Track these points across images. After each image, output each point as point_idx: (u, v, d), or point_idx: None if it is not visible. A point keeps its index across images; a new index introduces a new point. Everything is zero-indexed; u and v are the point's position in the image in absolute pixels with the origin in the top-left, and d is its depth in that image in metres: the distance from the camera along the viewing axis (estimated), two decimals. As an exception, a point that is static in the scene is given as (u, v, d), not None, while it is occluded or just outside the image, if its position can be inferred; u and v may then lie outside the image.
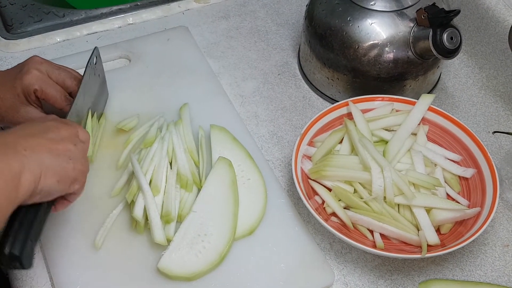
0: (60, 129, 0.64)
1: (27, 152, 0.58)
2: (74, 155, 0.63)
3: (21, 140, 0.59)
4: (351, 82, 0.89)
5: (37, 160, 0.58)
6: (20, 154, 0.57)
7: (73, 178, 0.63)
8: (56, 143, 0.61)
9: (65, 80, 0.79)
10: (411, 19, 0.84)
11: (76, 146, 0.64)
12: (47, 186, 0.59)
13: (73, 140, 0.64)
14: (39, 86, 0.76)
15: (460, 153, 0.81)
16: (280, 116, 0.92)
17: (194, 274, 0.70)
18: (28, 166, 0.57)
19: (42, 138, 0.61)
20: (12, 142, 0.58)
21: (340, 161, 0.77)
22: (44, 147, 0.60)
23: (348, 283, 0.74)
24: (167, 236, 0.72)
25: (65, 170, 0.61)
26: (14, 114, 0.78)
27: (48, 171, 0.59)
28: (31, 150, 0.58)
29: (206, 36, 1.04)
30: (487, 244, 0.78)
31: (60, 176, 0.61)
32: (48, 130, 0.63)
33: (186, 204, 0.76)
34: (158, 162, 0.77)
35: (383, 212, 0.74)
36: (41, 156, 0.59)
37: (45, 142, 0.60)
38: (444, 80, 0.98)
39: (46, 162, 0.59)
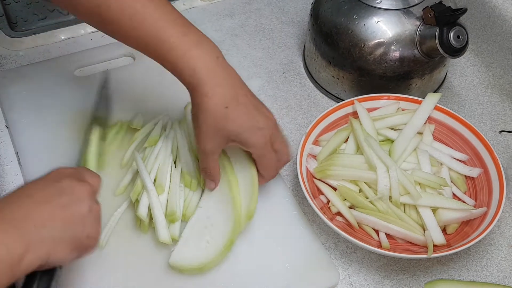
0: (75, 189, 0.60)
1: (36, 229, 0.55)
2: (89, 221, 0.60)
3: (33, 211, 0.56)
4: (357, 81, 0.89)
5: (47, 237, 0.55)
6: (28, 232, 0.54)
7: (86, 245, 0.60)
8: (70, 210, 0.58)
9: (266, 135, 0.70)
10: (417, 17, 0.84)
11: (91, 210, 0.60)
12: (58, 259, 0.57)
13: (88, 202, 0.60)
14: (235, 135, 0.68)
15: (466, 152, 0.81)
16: (285, 115, 0.91)
17: (205, 264, 0.70)
18: (33, 247, 0.54)
19: (55, 205, 0.57)
20: (22, 215, 0.55)
21: (345, 160, 0.77)
22: (57, 217, 0.57)
23: (353, 283, 0.73)
24: (172, 235, 0.72)
25: (79, 240, 0.59)
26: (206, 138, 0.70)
27: (59, 245, 0.57)
28: (41, 225, 0.55)
29: (211, 34, 1.02)
30: (493, 244, 0.77)
31: (73, 246, 0.58)
32: (62, 192, 0.59)
33: (191, 203, 0.75)
34: (163, 161, 0.77)
35: (389, 212, 0.74)
36: (53, 230, 0.56)
37: (59, 211, 0.57)
38: (450, 79, 0.97)
39: (57, 236, 0.56)
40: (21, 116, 0.87)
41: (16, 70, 0.94)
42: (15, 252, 0.53)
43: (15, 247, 0.53)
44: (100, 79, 0.82)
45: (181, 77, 0.69)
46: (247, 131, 0.69)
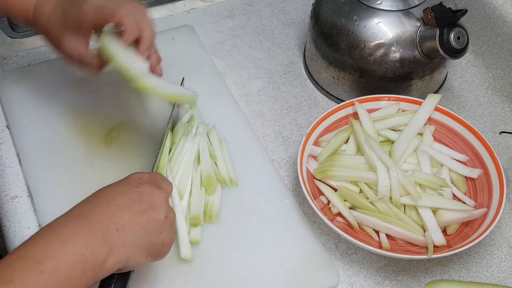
0: (154, 196, 0.62)
1: (118, 233, 0.57)
2: (164, 228, 0.61)
3: (116, 215, 0.58)
4: (357, 82, 0.89)
5: (127, 242, 0.57)
6: (111, 237, 0.56)
7: (160, 252, 0.62)
8: (149, 216, 0.60)
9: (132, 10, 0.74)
10: (418, 18, 0.84)
11: (167, 217, 0.62)
12: (135, 264, 0.59)
13: (164, 209, 0.62)
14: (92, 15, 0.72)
15: (466, 153, 0.81)
16: (286, 116, 0.92)
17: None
18: (116, 250, 0.56)
19: (136, 211, 0.59)
20: (106, 218, 0.57)
21: (345, 161, 0.77)
22: (136, 223, 0.59)
23: (354, 283, 0.73)
24: (194, 239, 0.72)
25: (154, 246, 0.60)
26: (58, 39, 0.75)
27: (137, 250, 0.58)
28: (123, 229, 0.57)
29: (211, 35, 1.03)
30: (494, 245, 0.77)
31: (149, 252, 0.60)
32: (142, 198, 0.60)
33: (213, 207, 0.76)
34: (186, 165, 0.77)
35: (389, 213, 0.74)
36: (132, 234, 0.58)
37: (139, 218, 0.59)
38: (450, 80, 0.97)
39: (136, 241, 0.58)
40: (22, 117, 0.87)
41: (17, 71, 0.94)
42: (99, 255, 0.55)
43: (100, 250, 0.55)
44: None
45: None
46: None
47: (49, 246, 0.53)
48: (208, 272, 0.71)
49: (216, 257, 0.73)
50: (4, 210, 0.78)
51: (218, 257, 0.73)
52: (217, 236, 0.75)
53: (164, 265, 0.72)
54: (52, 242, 0.53)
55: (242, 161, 0.82)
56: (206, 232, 0.75)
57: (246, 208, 0.78)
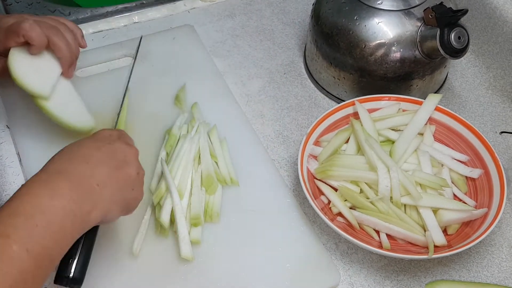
0: (126, 153, 0.64)
1: (99, 188, 0.59)
2: (136, 184, 0.64)
3: (95, 171, 0.60)
4: (358, 82, 0.89)
5: (107, 196, 0.60)
6: (93, 192, 0.59)
7: (131, 207, 0.65)
8: (123, 172, 0.63)
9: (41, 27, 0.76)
10: (418, 18, 0.84)
11: (139, 174, 0.65)
12: (112, 217, 0.62)
13: (136, 166, 0.65)
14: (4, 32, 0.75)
15: (467, 153, 0.81)
16: (286, 116, 0.91)
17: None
18: (98, 205, 0.59)
19: (111, 167, 0.62)
20: (87, 174, 0.59)
21: (346, 161, 0.77)
22: (113, 178, 0.61)
23: (354, 283, 0.73)
24: (195, 239, 0.72)
25: (128, 201, 0.64)
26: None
27: (114, 205, 0.61)
28: (103, 184, 0.60)
29: (212, 34, 1.03)
30: (494, 245, 0.77)
31: (123, 207, 0.63)
32: (115, 154, 0.63)
33: (214, 207, 0.76)
34: (185, 165, 0.77)
35: (390, 213, 0.74)
36: (111, 190, 0.61)
37: (114, 173, 0.62)
38: (451, 80, 0.97)
39: (114, 196, 0.61)
40: (23, 116, 0.87)
41: (17, 71, 0.94)
42: (85, 209, 0.58)
43: (85, 205, 0.58)
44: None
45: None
46: None
47: (38, 202, 0.55)
48: (208, 271, 0.71)
49: (216, 256, 0.73)
50: (5, 209, 0.78)
51: (218, 257, 0.73)
52: (217, 236, 0.75)
53: (165, 265, 0.72)
54: (41, 197, 0.55)
55: (243, 161, 0.82)
56: (206, 231, 0.75)
57: (247, 208, 0.78)
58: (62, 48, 0.78)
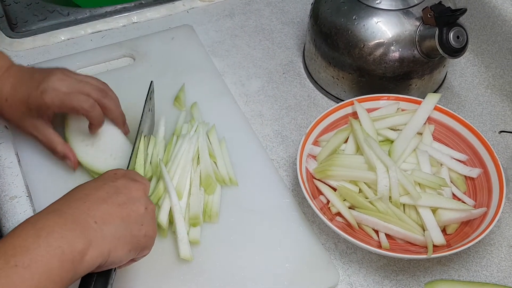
0: (131, 189, 0.60)
1: (97, 225, 0.55)
2: (146, 220, 0.60)
3: (93, 208, 0.56)
4: (357, 81, 0.89)
5: (107, 234, 0.55)
6: (89, 229, 0.54)
7: (143, 245, 0.60)
8: (128, 208, 0.59)
9: (90, 92, 0.76)
10: (417, 17, 0.84)
11: (147, 209, 0.61)
12: (117, 258, 0.57)
13: (144, 201, 0.61)
14: (55, 106, 0.74)
15: (466, 152, 0.81)
16: (285, 115, 0.91)
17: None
18: (95, 243, 0.54)
19: (113, 204, 0.58)
20: (82, 212, 0.55)
21: (345, 161, 0.77)
22: (116, 216, 0.57)
23: (353, 283, 0.73)
24: (193, 239, 0.72)
25: (137, 239, 0.59)
26: (20, 123, 0.77)
27: (119, 243, 0.57)
28: (102, 222, 0.55)
29: (211, 34, 1.03)
30: (493, 245, 0.77)
31: (131, 246, 0.58)
32: (119, 191, 0.59)
33: (213, 207, 0.76)
34: (184, 165, 0.77)
35: (389, 212, 0.74)
36: (112, 228, 0.56)
37: (117, 210, 0.58)
38: (450, 79, 0.97)
39: (118, 234, 0.56)
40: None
41: (16, 71, 0.94)
42: (77, 246, 0.52)
43: (77, 242, 0.53)
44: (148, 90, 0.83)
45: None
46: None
47: (23, 241, 0.51)
48: (207, 271, 0.71)
49: (215, 257, 0.73)
50: (4, 210, 0.78)
51: (217, 257, 0.73)
52: (216, 236, 0.75)
53: (164, 265, 0.72)
54: (26, 237, 0.51)
55: (242, 161, 0.82)
56: (205, 232, 0.75)
57: (246, 208, 0.78)
58: (114, 109, 0.78)
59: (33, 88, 0.74)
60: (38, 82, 0.75)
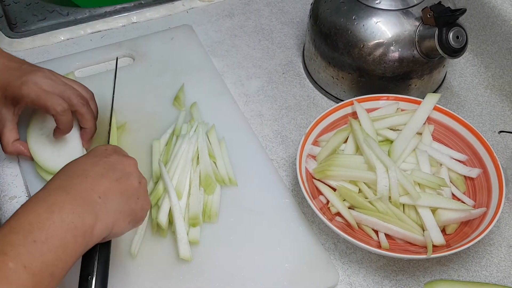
0: (124, 164, 0.63)
1: (101, 200, 0.58)
2: (141, 193, 0.63)
3: (95, 183, 0.58)
4: (356, 81, 0.89)
5: (110, 209, 0.58)
6: (95, 204, 0.57)
7: (140, 217, 0.63)
8: (125, 183, 0.61)
9: (71, 97, 0.76)
10: (416, 17, 0.84)
11: (141, 183, 0.63)
12: (119, 230, 0.60)
13: (137, 176, 0.63)
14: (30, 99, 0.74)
15: (465, 152, 0.81)
16: (285, 115, 0.91)
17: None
18: (101, 217, 0.57)
19: (112, 179, 0.60)
20: (86, 188, 0.58)
21: (345, 161, 0.77)
22: (116, 191, 0.60)
23: (353, 283, 0.73)
24: (193, 239, 0.72)
25: (135, 212, 0.62)
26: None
27: (121, 216, 0.59)
28: (104, 196, 0.58)
29: (210, 34, 1.03)
30: (493, 245, 0.77)
31: (130, 218, 0.61)
32: (114, 167, 0.62)
33: (212, 207, 0.76)
34: (184, 165, 0.77)
35: (388, 212, 0.74)
36: (114, 201, 0.59)
37: (116, 185, 0.60)
38: (449, 79, 0.97)
39: (119, 208, 0.59)
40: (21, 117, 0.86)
41: (15, 71, 0.94)
42: (87, 221, 0.55)
43: (87, 217, 0.55)
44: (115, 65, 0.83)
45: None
46: None
47: (36, 217, 0.53)
48: (207, 272, 0.71)
49: (215, 257, 0.73)
50: (3, 210, 0.78)
51: (217, 257, 0.73)
52: (216, 236, 0.75)
53: (163, 265, 0.72)
54: (39, 213, 0.53)
55: (241, 161, 0.82)
56: (205, 232, 0.75)
57: (245, 208, 0.78)
58: (90, 120, 0.78)
59: (15, 77, 0.75)
60: (23, 73, 0.75)
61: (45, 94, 0.74)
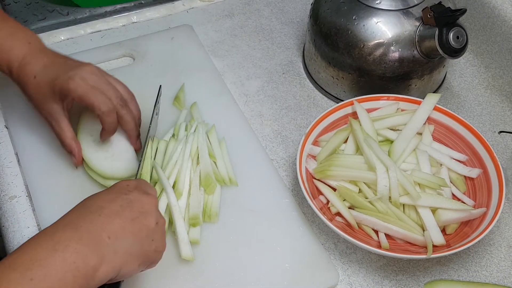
0: (143, 202, 0.60)
1: (110, 241, 0.56)
2: (156, 235, 0.60)
3: (106, 223, 0.56)
4: (356, 81, 0.89)
5: (120, 250, 0.56)
6: (102, 245, 0.55)
7: (153, 259, 0.61)
8: (140, 223, 0.59)
9: (111, 97, 0.75)
10: (417, 18, 0.84)
11: (158, 224, 0.61)
12: (128, 272, 0.58)
13: (155, 215, 0.61)
14: (77, 94, 0.73)
15: (465, 153, 0.81)
16: (285, 115, 0.91)
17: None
18: (108, 259, 0.55)
19: (127, 218, 0.58)
20: (96, 227, 0.56)
21: (345, 161, 0.77)
22: (129, 231, 0.57)
23: (353, 283, 0.73)
24: (194, 239, 0.72)
25: (147, 254, 0.59)
26: (42, 105, 0.76)
27: (131, 258, 0.57)
28: (114, 237, 0.56)
29: (211, 34, 1.03)
30: (493, 245, 0.77)
31: (142, 260, 0.59)
32: (132, 205, 0.59)
33: (212, 207, 0.76)
34: (181, 165, 0.77)
35: (388, 212, 0.74)
36: (125, 243, 0.57)
37: (130, 225, 0.58)
38: (449, 80, 0.97)
39: (130, 249, 0.57)
40: (21, 117, 0.87)
41: (15, 71, 0.94)
42: (90, 263, 0.53)
43: (91, 258, 0.53)
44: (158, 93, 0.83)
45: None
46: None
47: (38, 254, 0.52)
48: (207, 271, 0.71)
49: (215, 256, 0.73)
50: (3, 210, 0.78)
51: (217, 257, 0.73)
52: (216, 236, 0.75)
53: (164, 265, 0.71)
54: (41, 250, 0.52)
55: (241, 161, 0.82)
56: (205, 232, 0.75)
57: (245, 208, 0.78)
58: (129, 122, 0.77)
59: (63, 71, 0.74)
60: (70, 67, 0.75)
61: (92, 90, 0.73)
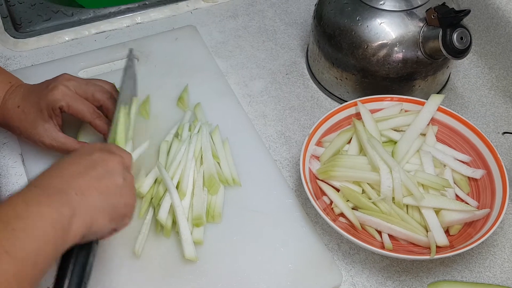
0: (107, 161, 0.62)
1: (78, 196, 0.57)
2: (124, 190, 0.62)
3: (71, 181, 0.58)
4: (360, 82, 0.89)
5: (88, 205, 0.57)
6: (71, 199, 0.56)
7: (123, 214, 0.62)
8: (106, 180, 0.60)
9: (94, 93, 0.79)
10: (420, 18, 0.84)
11: (125, 180, 0.62)
12: (99, 228, 0.58)
13: (121, 172, 0.62)
14: (65, 102, 0.76)
15: (469, 154, 0.81)
16: (288, 116, 0.92)
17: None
18: (79, 212, 0.56)
19: (91, 177, 0.59)
20: (62, 185, 0.57)
21: (348, 162, 0.77)
22: (94, 188, 0.59)
23: (356, 284, 0.73)
24: (197, 239, 0.72)
25: (116, 209, 0.61)
26: (32, 130, 0.77)
27: (100, 214, 0.58)
28: (81, 193, 0.57)
29: (214, 35, 1.04)
30: (496, 246, 0.77)
31: (111, 216, 0.60)
32: (95, 164, 0.61)
33: (216, 207, 0.76)
34: (184, 165, 0.77)
35: (392, 213, 0.74)
36: (92, 199, 0.58)
37: (95, 183, 0.59)
38: (453, 80, 0.97)
39: (97, 205, 0.58)
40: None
41: (20, 71, 0.94)
42: (65, 214, 0.54)
43: (64, 210, 0.54)
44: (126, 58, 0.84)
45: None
46: None
47: (12, 209, 0.52)
48: (210, 271, 0.72)
49: (218, 257, 0.73)
50: (7, 210, 0.78)
51: (220, 257, 0.73)
52: (219, 236, 0.75)
53: (167, 265, 0.72)
54: (15, 205, 0.53)
55: (245, 162, 0.82)
56: (208, 232, 0.75)
57: (249, 208, 0.78)
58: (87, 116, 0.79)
59: (42, 89, 0.77)
60: (47, 83, 0.78)
61: (75, 100, 0.77)
